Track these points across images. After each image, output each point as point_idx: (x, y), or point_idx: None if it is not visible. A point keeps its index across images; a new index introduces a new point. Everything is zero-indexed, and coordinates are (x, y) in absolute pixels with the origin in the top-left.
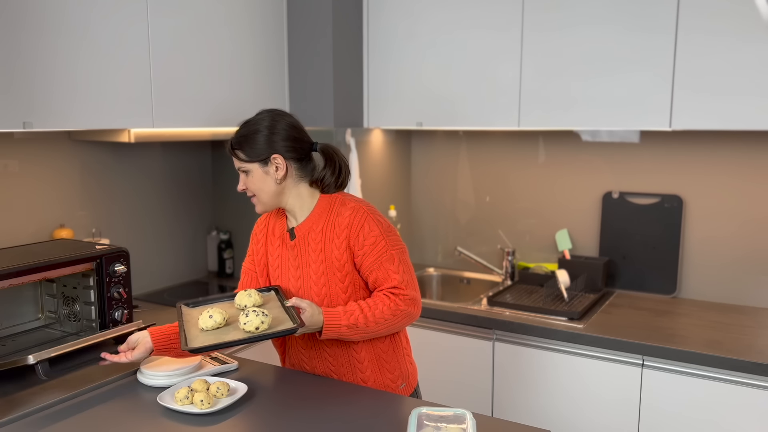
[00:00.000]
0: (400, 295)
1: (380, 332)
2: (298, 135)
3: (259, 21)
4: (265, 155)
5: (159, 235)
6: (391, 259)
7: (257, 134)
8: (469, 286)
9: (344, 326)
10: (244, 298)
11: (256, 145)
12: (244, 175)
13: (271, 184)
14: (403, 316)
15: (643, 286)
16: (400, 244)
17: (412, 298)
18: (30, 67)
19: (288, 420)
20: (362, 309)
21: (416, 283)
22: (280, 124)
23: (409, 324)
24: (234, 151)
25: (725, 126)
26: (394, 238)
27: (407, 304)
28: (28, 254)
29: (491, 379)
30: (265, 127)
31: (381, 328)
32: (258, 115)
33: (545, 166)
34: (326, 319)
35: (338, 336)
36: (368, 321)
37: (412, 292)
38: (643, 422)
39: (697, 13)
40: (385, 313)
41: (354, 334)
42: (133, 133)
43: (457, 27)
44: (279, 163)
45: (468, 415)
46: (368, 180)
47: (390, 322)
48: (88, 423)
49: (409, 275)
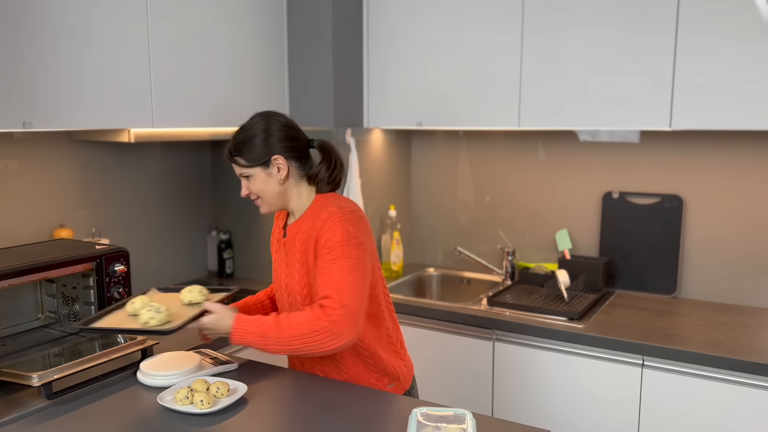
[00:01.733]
0: (327, 308)
1: (298, 348)
2: (294, 134)
3: (259, 21)
4: (266, 158)
5: (159, 235)
6: (338, 268)
7: (254, 138)
8: (469, 286)
9: (253, 333)
10: (185, 293)
11: (255, 150)
12: (246, 180)
13: (274, 185)
14: (325, 334)
15: (643, 286)
16: (360, 257)
17: (340, 315)
18: (30, 67)
19: (288, 420)
20: (278, 320)
21: (359, 302)
22: (275, 126)
23: (338, 346)
24: (233, 158)
25: (725, 126)
26: (356, 250)
27: (332, 321)
28: (28, 254)
29: (491, 379)
30: (260, 130)
31: (296, 343)
32: (251, 120)
33: (545, 166)
34: (235, 324)
35: (248, 343)
36: (281, 332)
37: (343, 309)
38: (643, 422)
39: (697, 14)
40: (302, 327)
41: (266, 344)
42: (132, 133)
43: (457, 27)
44: (281, 164)
45: (468, 415)
46: (368, 180)
47: (307, 338)
48: (88, 423)
49: (351, 290)
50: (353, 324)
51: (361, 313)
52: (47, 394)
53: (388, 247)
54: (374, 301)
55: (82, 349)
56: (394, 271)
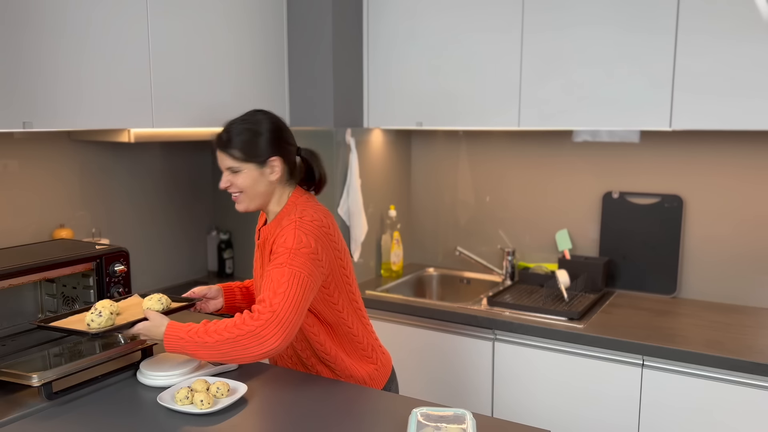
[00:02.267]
0: (256, 312)
1: (226, 352)
2: (292, 139)
3: (258, 21)
4: (264, 157)
5: (159, 235)
6: (280, 273)
7: (258, 135)
8: (469, 286)
9: (182, 339)
10: (146, 300)
11: (258, 147)
12: (230, 173)
13: (262, 185)
14: (251, 339)
15: (643, 286)
16: (305, 266)
17: (267, 320)
18: (30, 67)
19: (288, 420)
20: (207, 325)
21: (291, 310)
22: (283, 127)
23: (265, 352)
24: (227, 150)
25: (725, 126)
26: (303, 259)
27: (258, 324)
28: (28, 254)
29: (491, 379)
30: (267, 129)
31: (223, 347)
32: (255, 116)
33: (545, 166)
34: (167, 330)
35: (181, 349)
36: (208, 337)
37: (271, 314)
38: (643, 422)
39: (697, 14)
40: (228, 331)
41: (196, 350)
42: (132, 133)
43: (457, 27)
44: (276, 165)
45: (468, 415)
46: (368, 180)
47: (233, 343)
48: (88, 423)
49: (284, 297)
50: (282, 330)
51: (291, 321)
52: (47, 394)
53: (388, 247)
54: (332, 309)
55: (82, 349)
56: (394, 271)
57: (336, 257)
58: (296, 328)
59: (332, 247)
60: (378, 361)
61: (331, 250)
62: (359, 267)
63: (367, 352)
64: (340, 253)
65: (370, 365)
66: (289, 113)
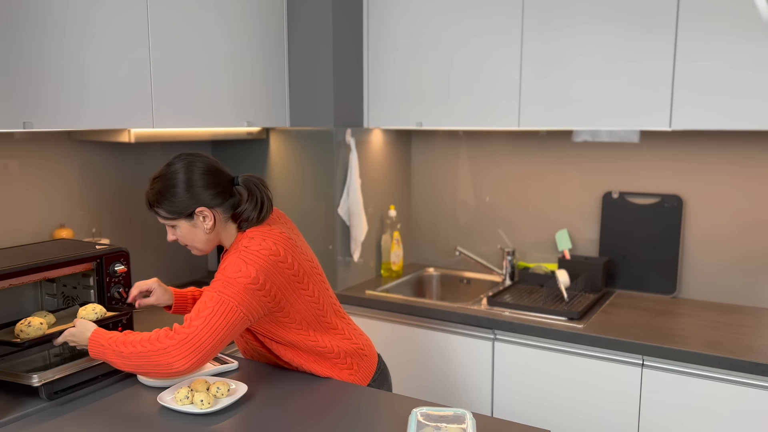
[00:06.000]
0: (174, 330)
1: (139, 365)
2: (217, 178)
3: (258, 21)
4: (189, 210)
5: (159, 235)
6: (209, 298)
7: (175, 189)
8: (469, 286)
9: (103, 347)
10: (81, 310)
11: (177, 201)
12: (171, 228)
13: (200, 235)
14: (162, 356)
15: (643, 286)
16: (236, 296)
17: (182, 341)
18: (31, 67)
19: (288, 420)
20: (127, 336)
21: (208, 336)
22: (196, 174)
23: (174, 372)
24: (153, 210)
25: (725, 126)
26: (236, 289)
27: (171, 343)
28: (28, 254)
29: (491, 379)
30: (181, 180)
31: (137, 360)
32: (171, 167)
33: (545, 166)
34: (91, 336)
35: (102, 356)
36: (126, 348)
37: (187, 336)
38: (642, 422)
39: (697, 13)
40: (142, 344)
41: (114, 358)
42: (133, 133)
43: (457, 26)
44: (206, 215)
45: (468, 415)
46: (368, 180)
47: (145, 357)
48: (88, 423)
49: (205, 322)
50: (192, 354)
51: (206, 348)
52: (47, 394)
53: (388, 247)
54: (292, 331)
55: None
56: (394, 271)
57: (293, 282)
58: (210, 355)
59: (285, 273)
60: (354, 366)
61: (282, 277)
62: (359, 267)
63: (340, 359)
64: (298, 277)
65: (344, 371)
66: (289, 113)
